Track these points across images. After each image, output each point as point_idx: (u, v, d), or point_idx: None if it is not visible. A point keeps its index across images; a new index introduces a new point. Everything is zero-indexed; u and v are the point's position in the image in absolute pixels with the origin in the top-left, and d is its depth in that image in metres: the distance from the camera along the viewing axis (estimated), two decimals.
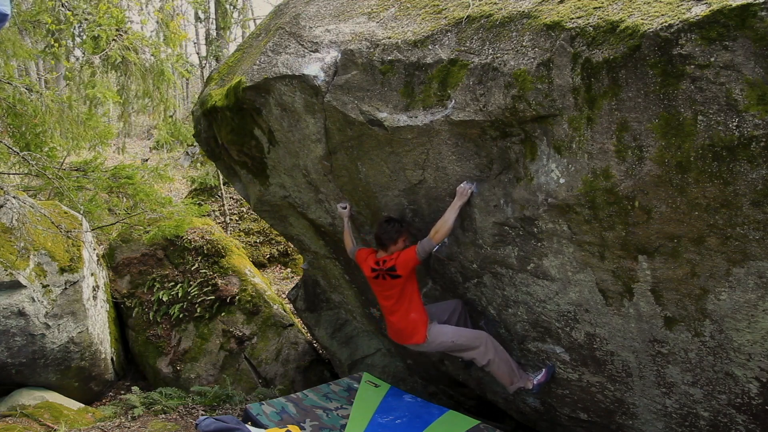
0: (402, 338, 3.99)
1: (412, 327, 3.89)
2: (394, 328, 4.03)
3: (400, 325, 3.93)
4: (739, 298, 2.76)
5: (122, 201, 6.24)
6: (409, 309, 3.87)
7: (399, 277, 3.79)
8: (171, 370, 6.96)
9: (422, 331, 3.87)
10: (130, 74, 4.21)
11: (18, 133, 4.94)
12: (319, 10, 4.23)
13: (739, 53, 2.31)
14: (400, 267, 3.77)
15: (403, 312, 3.88)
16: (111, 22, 4.05)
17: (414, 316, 3.88)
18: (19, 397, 5.90)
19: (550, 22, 2.90)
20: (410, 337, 3.92)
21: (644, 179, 2.70)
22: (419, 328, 3.88)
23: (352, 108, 3.70)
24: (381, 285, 3.92)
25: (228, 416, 3.38)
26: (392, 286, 3.85)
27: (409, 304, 3.87)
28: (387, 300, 3.95)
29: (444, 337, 3.89)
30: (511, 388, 4.00)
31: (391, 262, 3.80)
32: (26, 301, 5.77)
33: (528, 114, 3.02)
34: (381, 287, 3.94)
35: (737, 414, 3.18)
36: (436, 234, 3.62)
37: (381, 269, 3.85)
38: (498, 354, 3.91)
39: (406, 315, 3.88)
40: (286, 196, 4.80)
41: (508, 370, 3.93)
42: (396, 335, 4.05)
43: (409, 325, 3.89)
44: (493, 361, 3.89)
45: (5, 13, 2.15)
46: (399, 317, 3.91)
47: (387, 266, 3.82)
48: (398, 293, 3.85)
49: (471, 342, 3.89)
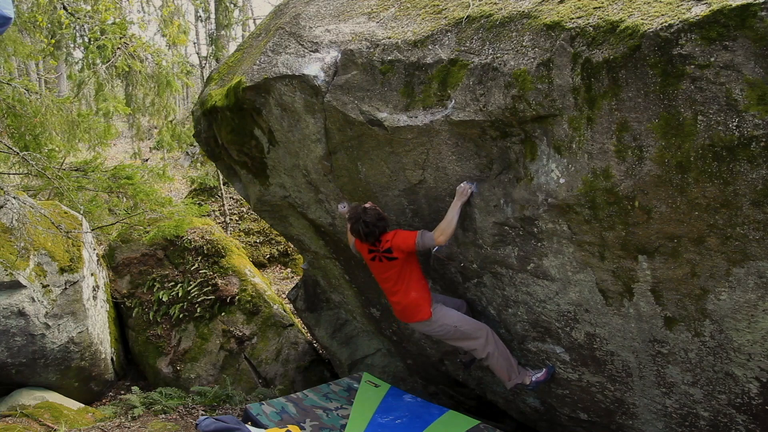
0: (407, 316, 3.99)
1: (415, 304, 3.88)
2: (398, 308, 4.03)
3: (403, 304, 3.93)
4: (739, 298, 2.76)
5: (122, 201, 6.24)
6: (409, 288, 3.87)
7: (395, 258, 3.80)
8: (171, 370, 6.96)
9: (426, 307, 3.87)
10: (136, 83, 4.24)
11: (18, 133, 4.95)
12: (319, 10, 4.23)
13: (739, 53, 2.31)
14: (396, 249, 3.78)
15: (403, 292, 3.88)
16: (115, 30, 4.07)
17: (414, 294, 3.87)
18: (19, 397, 5.90)
19: (550, 22, 2.90)
20: (414, 314, 3.91)
21: (644, 179, 2.70)
22: (422, 305, 3.87)
23: (352, 108, 3.69)
24: (378, 267, 3.93)
25: (228, 416, 3.38)
26: (390, 267, 3.86)
27: (408, 283, 3.87)
28: (386, 282, 3.96)
29: (449, 320, 3.89)
30: (508, 384, 4.00)
31: (388, 243, 3.80)
32: (26, 301, 5.77)
33: (528, 114, 3.02)
34: (378, 269, 3.95)
35: (737, 414, 3.18)
36: (441, 236, 3.60)
37: (377, 250, 3.86)
38: (498, 348, 3.91)
39: (406, 294, 3.88)
40: (286, 196, 4.80)
41: (506, 366, 3.93)
42: (401, 314, 4.05)
43: (411, 302, 3.88)
44: (492, 355, 3.89)
45: (8, 17, 2.15)
46: (400, 297, 3.92)
47: (383, 248, 3.82)
48: (396, 274, 3.86)
49: (473, 331, 3.89)
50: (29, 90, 4.62)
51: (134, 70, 4.13)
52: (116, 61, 4.02)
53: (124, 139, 17.25)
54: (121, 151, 15.88)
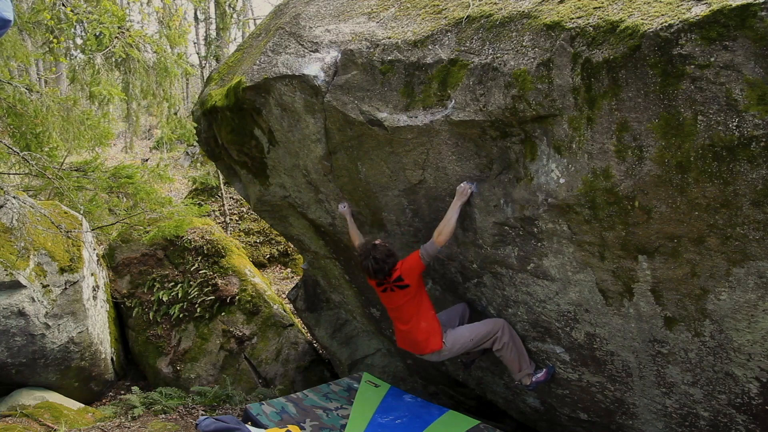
0: (418, 349, 3.92)
1: (425, 336, 3.82)
2: (407, 339, 3.95)
3: (413, 336, 3.87)
4: (739, 298, 2.76)
5: (122, 201, 6.23)
6: (419, 318, 3.81)
7: (408, 286, 3.75)
8: (171, 370, 6.96)
9: (437, 339, 3.81)
10: (134, 71, 4.20)
11: (18, 133, 4.94)
12: (319, 10, 4.23)
13: (739, 53, 2.31)
14: (406, 275, 3.73)
15: (415, 322, 3.83)
16: (113, 20, 4.05)
17: (425, 325, 3.81)
18: (19, 397, 5.90)
19: (550, 22, 2.90)
20: (426, 346, 3.85)
21: (644, 179, 2.70)
22: (433, 336, 3.82)
23: (352, 108, 3.69)
24: (390, 297, 3.86)
25: (228, 416, 3.38)
26: (402, 296, 3.80)
27: (419, 313, 3.81)
28: (397, 311, 3.90)
29: (463, 339, 3.85)
30: (518, 375, 3.97)
31: (397, 273, 3.75)
32: (26, 301, 5.77)
33: (528, 114, 3.02)
34: (390, 299, 3.88)
35: (737, 414, 3.18)
36: (440, 236, 3.60)
37: (388, 282, 3.80)
38: (513, 339, 3.89)
39: (417, 325, 3.82)
40: (286, 196, 4.80)
41: (518, 357, 3.91)
42: (411, 346, 3.97)
43: (421, 334, 3.83)
44: (507, 345, 3.86)
45: (8, 19, 2.15)
46: (411, 327, 3.85)
47: (393, 278, 3.76)
48: (408, 303, 3.80)
49: (489, 331, 3.86)
50: (30, 89, 4.61)
51: (132, 57, 4.10)
52: (114, 48, 4.00)
53: (124, 138, 17.26)
54: (121, 151, 15.89)
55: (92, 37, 3.93)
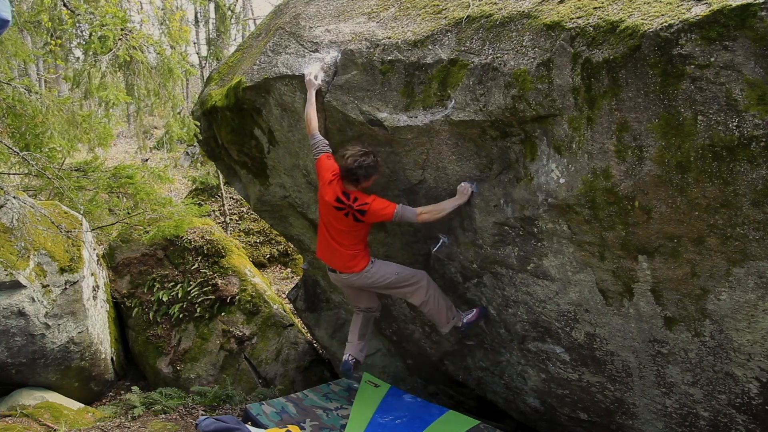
0: (339, 266, 3.89)
1: (350, 258, 3.82)
2: (334, 257, 3.89)
3: (340, 254, 3.83)
4: (739, 298, 2.76)
5: (122, 201, 6.23)
6: (354, 247, 3.80)
7: (362, 222, 3.68)
8: (171, 370, 6.96)
9: (363, 263, 3.83)
10: (138, 73, 4.18)
11: (18, 133, 4.94)
12: (319, 10, 4.23)
13: (739, 53, 2.31)
14: (370, 214, 3.61)
15: (345, 247, 3.80)
16: (116, 22, 4.04)
17: (355, 252, 3.81)
18: (19, 397, 5.90)
19: (550, 22, 2.90)
20: (348, 267, 3.84)
21: (644, 179, 2.70)
22: (361, 261, 3.82)
23: (352, 108, 3.70)
24: (339, 218, 3.71)
25: (228, 416, 3.39)
26: (349, 225, 3.71)
27: (355, 244, 3.80)
28: (335, 231, 3.80)
29: (389, 270, 3.88)
30: (446, 328, 4.01)
31: (365, 206, 3.60)
32: (26, 301, 5.77)
33: (528, 114, 3.02)
34: (337, 219, 3.73)
35: (737, 414, 3.18)
36: (423, 215, 3.56)
37: (350, 207, 3.63)
38: (436, 292, 3.94)
39: (346, 250, 3.80)
40: (286, 196, 4.81)
41: (445, 309, 3.94)
42: (332, 262, 3.93)
43: (348, 257, 3.81)
44: (433, 297, 3.90)
45: (6, 19, 2.14)
46: (343, 249, 3.81)
47: (358, 206, 3.61)
48: (350, 231, 3.75)
49: (413, 277, 3.90)
50: (30, 90, 4.61)
51: (136, 60, 4.09)
52: (118, 50, 3.99)
53: (124, 139, 17.27)
54: (121, 151, 15.88)
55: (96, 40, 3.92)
